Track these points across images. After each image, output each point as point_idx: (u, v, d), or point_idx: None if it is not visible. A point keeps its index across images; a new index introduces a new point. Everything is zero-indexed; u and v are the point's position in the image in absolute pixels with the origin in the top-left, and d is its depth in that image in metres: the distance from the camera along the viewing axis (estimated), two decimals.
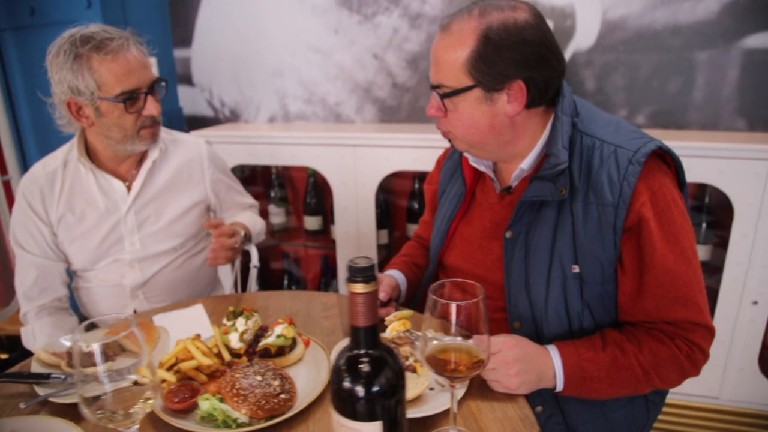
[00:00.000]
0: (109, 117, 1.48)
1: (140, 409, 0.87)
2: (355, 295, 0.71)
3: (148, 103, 1.49)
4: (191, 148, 1.78)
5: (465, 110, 1.21)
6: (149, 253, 1.69)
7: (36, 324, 1.63)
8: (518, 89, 1.18)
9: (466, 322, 0.89)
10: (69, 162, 1.64)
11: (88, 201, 1.63)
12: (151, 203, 1.68)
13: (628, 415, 1.31)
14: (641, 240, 1.16)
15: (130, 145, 1.55)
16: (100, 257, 1.66)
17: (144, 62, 1.49)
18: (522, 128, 1.26)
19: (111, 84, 1.44)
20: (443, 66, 1.20)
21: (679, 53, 2.04)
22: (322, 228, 2.58)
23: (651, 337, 1.18)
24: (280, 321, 1.26)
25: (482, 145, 1.27)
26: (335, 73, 2.44)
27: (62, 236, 1.63)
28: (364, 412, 0.73)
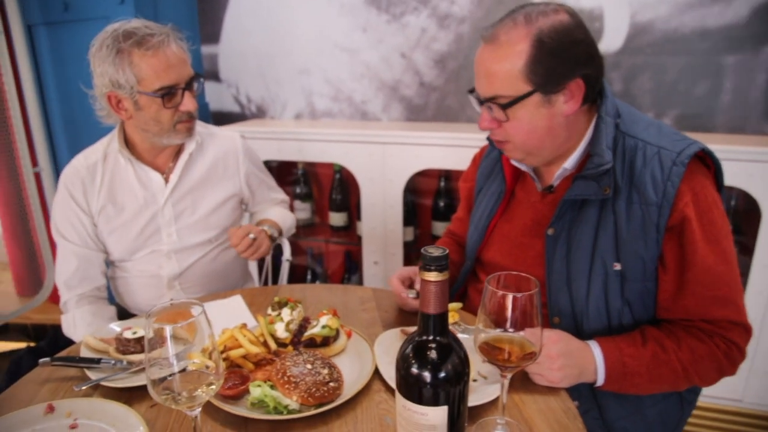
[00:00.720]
0: (147, 111, 1.52)
1: (203, 393, 0.90)
2: (428, 282, 0.74)
3: (185, 99, 1.53)
4: (227, 142, 1.81)
5: (524, 117, 1.23)
6: (185, 245, 1.72)
7: (76, 312, 1.67)
8: (576, 87, 1.20)
9: (521, 314, 0.91)
10: (109, 154, 1.68)
11: (127, 192, 1.67)
12: (187, 195, 1.72)
13: (663, 412, 1.34)
14: (683, 239, 1.18)
15: (166, 139, 1.59)
16: (138, 248, 1.70)
17: (183, 58, 1.53)
18: (573, 127, 1.28)
19: (150, 79, 1.47)
20: (497, 77, 1.20)
21: (707, 57, 2.06)
22: (346, 224, 2.61)
23: (690, 335, 1.20)
24: (324, 312, 1.29)
25: (539, 150, 1.29)
26: (362, 71, 2.47)
27: (102, 227, 1.67)
28: (431, 397, 0.76)
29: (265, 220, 1.83)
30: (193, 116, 1.60)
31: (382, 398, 1.12)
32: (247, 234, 1.63)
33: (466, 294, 1.60)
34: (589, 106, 1.30)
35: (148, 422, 1.04)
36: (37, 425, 1.04)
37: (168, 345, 0.88)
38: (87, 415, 1.07)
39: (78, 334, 1.65)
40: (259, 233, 1.65)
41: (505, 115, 1.23)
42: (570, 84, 1.20)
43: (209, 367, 0.92)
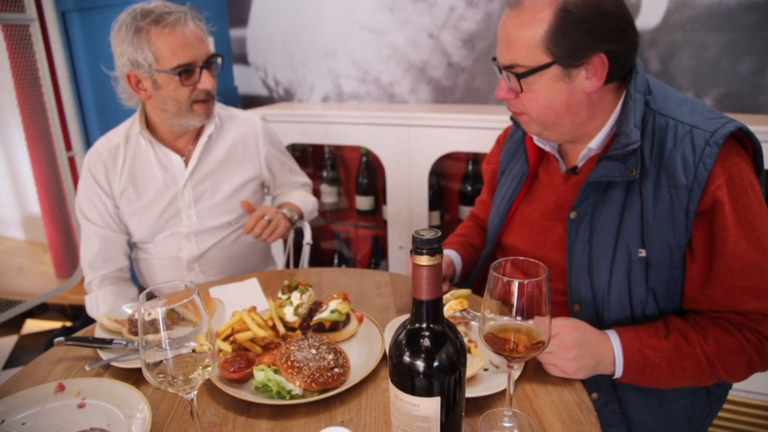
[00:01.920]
0: (166, 89, 1.53)
1: (199, 375, 0.89)
2: (419, 267, 0.70)
3: (203, 77, 1.53)
4: (247, 124, 1.80)
5: (541, 89, 1.17)
6: (205, 227, 1.73)
7: (99, 292, 1.70)
8: (599, 63, 1.13)
9: (528, 301, 0.87)
10: (130, 137, 1.69)
11: (148, 175, 1.69)
12: (207, 178, 1.72)
13: (689, 407, 1.26)
14: (714, 225, 1.10)
15: (184, 120, 1.59)
16: (158, 230, 1.71)
17: (201, 37, 1.52)
18: (597, 106, 1.21)
19: (168, 56, 1.48)
20: (517, 44, 1.15)
21: (753, 31, 1.91)
22: (373, 208, 2.59)
23: (717, 327, 1.13)
24: (335, 296, 1.27)
25: (557, 126, 1.23)
26: (389, 52, 2.42)
27: (124, 209, 1.70)
28: (423, 388, 0.73)
29: (285, 203, 1.82)
30: (212, 95, 1.60)
31: (390, 385, 1.10)
32: (262, 216, 1.62)
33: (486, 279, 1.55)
34: (618, 84, 1.22)
35: (153, 404, 1.05)
36: (46, 403, 1.06)
37: (160, 327, 0.87)
38: (95, 394, 1.08)
39: (101, 314, 1.69)
40: (275, 214, 1.65)
41: (520, 86, 1.17)
42: (593, 59, 1.13)
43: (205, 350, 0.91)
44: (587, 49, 1.12)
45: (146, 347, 0.87)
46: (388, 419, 1.00)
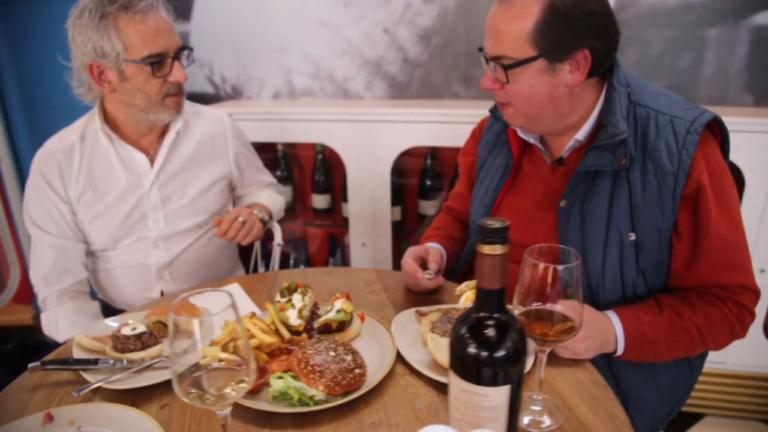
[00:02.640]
0: (134, 81, 1.41)
1: (233, 391, 0.84)
2: (488, 257, 0.70)
3: (175, 69, 1.44)
4: (215, 121, 1.72)
5: (526, 81, 1.21)
6: (174, 231, 1.63)
7: (58, 310, 1.56)
8: (583, 59, 1.18)
9: (561, 287, 0.89)
10: (87, 135, 1.56)
11: (109, 176, 1.56)
12: (175, 178, 1.62)
13: (674, 378, 1.35)
14: (698, 207, 1.19)
15: (153, 114, 1.48)
16: (122, 236, 1.59)
17: (171, 26, 1.44)
18: (578, 99, 1.27)
19: (138, 45, 1.37)
20: (505, 37, 1.18)
21: (691, 30, 2.07)
22: (330, 206, 2.54)
23: (703, 301, 1.22)
24: (338, 296, 1.24)
25: (539, 118, 1.27)
26: (343, 48, 2.39)
27: (82, 214, 1.56)
28: (492, 377, 0.73)
29: (254, 203, 1.75)
30: (183, 89, 1.51)
31: (408, 382, 1.09)
32: (236, 217, 1.55)
33: (472, 270, 1.58)
34: (598, 79, 1.28)
35: (162, 424, 0.97)
36: None
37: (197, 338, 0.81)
38: (91, 421, 0.99)
39: (61, 334, 1.55)
40: (249, 215, 1.58)
41: (506, 77, 1.21)
42: (577, 54, 1.18)
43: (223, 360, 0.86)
44: (572, 45, 1.17)
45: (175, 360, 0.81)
46: (418, 415, 1.00)
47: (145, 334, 1.18)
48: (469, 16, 2.24)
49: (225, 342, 1.11)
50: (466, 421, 0.76)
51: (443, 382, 1.06)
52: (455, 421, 0.78)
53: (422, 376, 1.10)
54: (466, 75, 2.32)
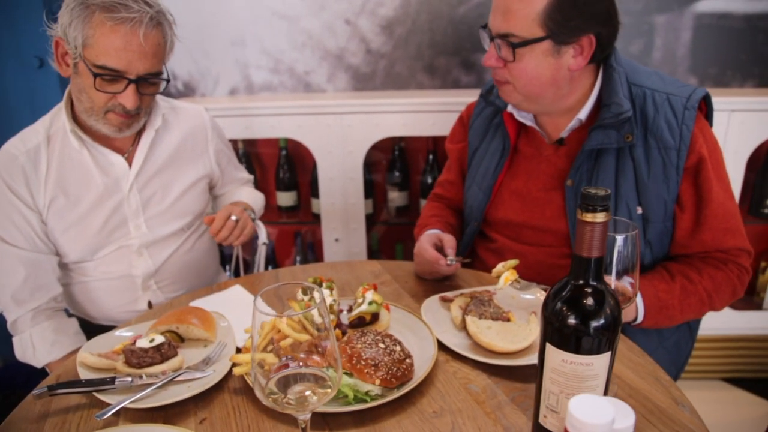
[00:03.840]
0: (83, 81, 1.29)
1: (314, 397, 0.79)
2: (590, 224, 0.70)
3: (127, 92, 1.28)
4: (193, 116, 1.61)
5: (530, 62, 1.24)
6: (157, 236, 1.51)
7: (33, 331, 1.40)
8: (587, 44, 1.22)
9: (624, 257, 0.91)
10: (53, 137, 1.41)
11: (83, 181, 1.42)
12: (155, 179, 1.50)
13: (677, 342, 1.44)
14: (700, 178, 1.26)
15: (94, 121, 1.35)
16: (101, 245, 1.46)
17: (148, 51, 1.26)
18: (577, 82, 1.31)
19: (96, 51, 1.23)
20: (515, 15, 1.20)
21: (640, 17, 2.20)
22: (296, 203, 2.47)
23: (708, 265, 1.30)
24: (366, 287, 1.20)
25: (538, 98, 1.30)
26: (303, 40, 2.32)
27: (54, 224, 1.41)
28: (595, 346, 0.73)
29: (237, 202, 1.66)
30: (130, 113, 1.33)
31: (455, 367, 1.08)
32: (228, 216, 1.46)
33: (476, 255, 1.58)
34: (595, 65, 1.33)
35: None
36: None
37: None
38: None
39: (39, 358, 1.39)
40: (241, 213, 1.49)
41: (513, 56, 1.23)
42: (582, 39, 1.22)
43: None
44: (579, 29, 1.21)
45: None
46: (478, 399, 0.99)
47: (164, 345, 1.09)
48: (431, 6, 2.24)
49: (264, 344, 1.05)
50: (564, 393, 0.76)
51: (491, 364, 1.06)
52: (551, 395, 0.77)
53: (467, 361, 1.09)
54: (430, 65, 2.33)
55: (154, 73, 1.31)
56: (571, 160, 1.37)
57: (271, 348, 1.08)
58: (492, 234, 1.52)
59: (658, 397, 0.97)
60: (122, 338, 1.18)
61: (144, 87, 1.31)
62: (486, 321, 1.13)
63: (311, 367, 0.79)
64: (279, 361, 1.04)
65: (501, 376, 1.04)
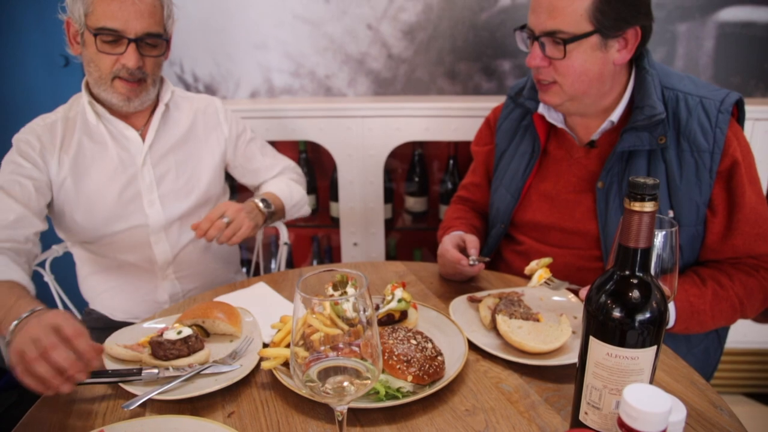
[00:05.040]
0: (88, 50, 1.35)
1: (351, 388, 0.78)
2: (637, 213, 0.69)
3: (128, 52, 1.33)
4: (205, 101, 1.63)
5: (578, 58, 1.23)
6: (172, 216, 1.51)
7: None
8: (633, 36, 1.22)
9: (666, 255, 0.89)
10: (71, 117, 1.45)
11: (99, 154, 1.45)
12: (169, 156, 1.52)
13: (705, 350, 1.41)
14: (733, 182, 1.25)
15: (103, 92, 1.40)
16: (115, 218, 1.45)
17: (143, 10, 1.32)
18: (617, 79, 1.30)
19: (96, 15, 1.31)
20: (563, 11, 1.20)
21: (663, 26, 2.20)
22: (315, 207, 2.46)
23: (739, 271, 1.28)
24: (395, 284, 1.19)
25: (583, 96, 1.30)
26: (325, 44, 2.33)
27: (67, 195, 1.42)
28: (641, 339, 0.71)
29: (265, 193, 1.59)
30: (136, 77, 1.37)
31: (486, 366, 1.06)
32: (220, 216, 1.38)
33: (501, 257, 1.57)
34: (629, 62, 1.33)
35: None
36: None
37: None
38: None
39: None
40: (236, 213, 1.39)
41: (563, 52, 1.23)
42: (628, 31, 1.22)
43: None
44: (627, 21, 1.21)
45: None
46: (511, 398, 0.97)
47: (191, 337, 1.08)
48: (453, 12, 2.25)
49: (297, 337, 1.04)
50: (608, 388, 0.74)
51: (522, 364, 1.04)
52: (594, 390, 0.76)
53: (497, 361, 1.07)
54: (451, 71, 2.33)
55: (153, 34, 1.36)
56: (602, 162, 1.36)
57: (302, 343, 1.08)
58: (519, 236, 1.51)
59: (696, 401, 0.95)
60: (148, 330, 1.18)
61: (145, 48, 1.37)
62: (517, 321, 1.12)
63: (350, 359, 0.78)
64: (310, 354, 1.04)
65: (533, 376, 1.03)
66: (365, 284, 0.75)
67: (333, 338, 1.10)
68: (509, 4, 2.23)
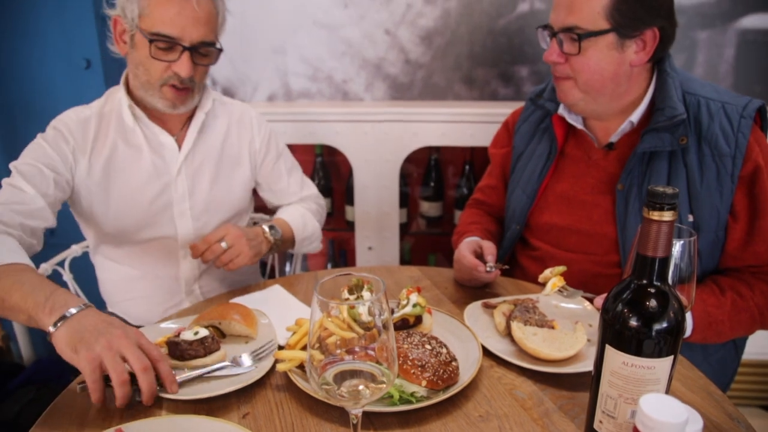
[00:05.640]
0: (140, 53, 1.32)
1: (366, 391, 0.78)
2: (656, 223, 0.69)
3: (182, 60, 1.30)
4: (239, 109, 1.61)
5: (593, 55, 1.24)
6: (201, 229, 1.49)
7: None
8: (651, 38, 1.22)
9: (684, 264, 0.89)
10: (106, 114, 1.43)
11: (134, 157, 1.43)
12: (204, 166, 1.50)
13: (722, 360, 1.40)
14: (756, 188, 1.24)
15: (150, 97, 1.37)
16: (143, 225, 1.45)
17: (201, 18, 1.30)
18: (635, 81, 1.30)
19: (152, 19, 1.27)
20: (581, 7, 1.22)
21: (683, 32, 2.18)
22: (330, 211, 2.48)
23: (760, 280, 1.26)
24: (410, 289, 1.20)
25: (598, 94, 1.30)
26: (343, 49, 2.35)
27: (96, 197, 1.40)
28: (658, 348, 0.71)
29: (275, 219, 1.58)
30: (186, 86, 1.35)
31: (500, 373, 1.06)
32: (218, 240, 1.33)
33: (517, 263, 1.57)
34: (651, 65, 1.32)
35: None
36: None
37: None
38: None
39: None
40: (236, 240, 1.33)
41: (578, 48, 1.24)
42: (646, 33, 1.22)
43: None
44: (644, 22, 1.21)
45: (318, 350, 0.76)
46: (525, 405, 0.97)
47: (208, 338, 1.10)
48: (471, 18, 2.25)
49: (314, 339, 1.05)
50: (624, 397, 0.74)
51: (537, 371, 1.04)
52: (609, 399, 0.76)
53: (511, 367, 1.07)
54: (468, 76, 2.33)
55: (207, 43, 1.33)
56: (621, 164, 1.36)
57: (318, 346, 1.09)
58: (534, 242, 1.50)
59: (712, 412, 0.94)
60: (165, 330, 1.20)
61: (197, 57, 1.34)
62: (531, 327, 1.11)
63: (365, 363, 0.78)
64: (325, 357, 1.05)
65: (547, 383, 1.02)
66: (382, 289, 0.75)
67: (348, 342, 1.11)
68: (527, 11, 2.23)
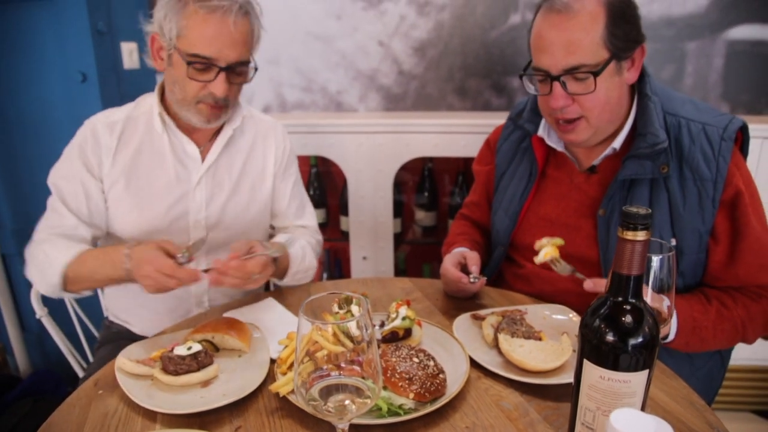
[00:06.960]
0: (176, 71, 1.35)
1: (352, 406, 0.80)
2: (630, 242, 0.71)
3: (218, 80, 1.33)
4: (266, 126, 1.61)
5: (601, 87, 1.22)
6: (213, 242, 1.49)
7: (46, 245, 1.37)
8: (639, 54, 1.24)
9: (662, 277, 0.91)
10: (135, 119, 1.46)
11: (157, 163, 1.46)
12: (225, 181, 1.51)
13: (709, 372, 1.41)
14: (737, 212, 1.24)
15: (185, 112, 1.40)
16: (157, 231, 1.46)
17: (237, 39, 1.32)
18: (624, 103, 1.31)
19: (190, 40, 1.30)
20: (581, 44, 1.19)
21: (672, 43, 2.21)
22: (325, 221, 2.50)
23: (743, 295, 1.28)
24: (399, 302, 1.22)
25: (606, 124, 1.30)
26: (336, 60, 2.38)
27: (116, 200, 1.43)
28: (633, 363, 0.73)
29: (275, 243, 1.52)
30: (219, 103, 1.38)
31: (487, 384, 1.08)
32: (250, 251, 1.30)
33: (502, 278, 1.58)
34: (631, 88, 1.33)
35: None
36: None
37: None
38: None
39: (57, 265, 1.33)
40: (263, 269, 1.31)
41: (593, 85, 1.21)
42: (636, 50, 1.23)
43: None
44: (634, 40, 1.22)
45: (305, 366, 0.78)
46: (511, 416, 0.99)
47: (201, 353, 1.12)
48: (464, 29, 2.29)
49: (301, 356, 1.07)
50: (601, 411, 0.76)
51: (523, 382, 1.06)
52: (587, 412, 0.78)
53: (498, 378, 1.09)
54: (461, 87, 2.36)
55: (242, 62, 1.36)
56: (603, 188, 1.36)
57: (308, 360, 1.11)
58: (520, 260, 1.52)
59: (693, 421, 0.96)
60: (159, 345, 1.21)
61: (233, 76, 1.37)
62: (518, 339, 1.14)
63: (351, 377, 0.80)
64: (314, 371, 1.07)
65: (533, 394, 1.04)
66: (366, 306, 0.78)
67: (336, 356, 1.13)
68: (519, 22, 2.26)
